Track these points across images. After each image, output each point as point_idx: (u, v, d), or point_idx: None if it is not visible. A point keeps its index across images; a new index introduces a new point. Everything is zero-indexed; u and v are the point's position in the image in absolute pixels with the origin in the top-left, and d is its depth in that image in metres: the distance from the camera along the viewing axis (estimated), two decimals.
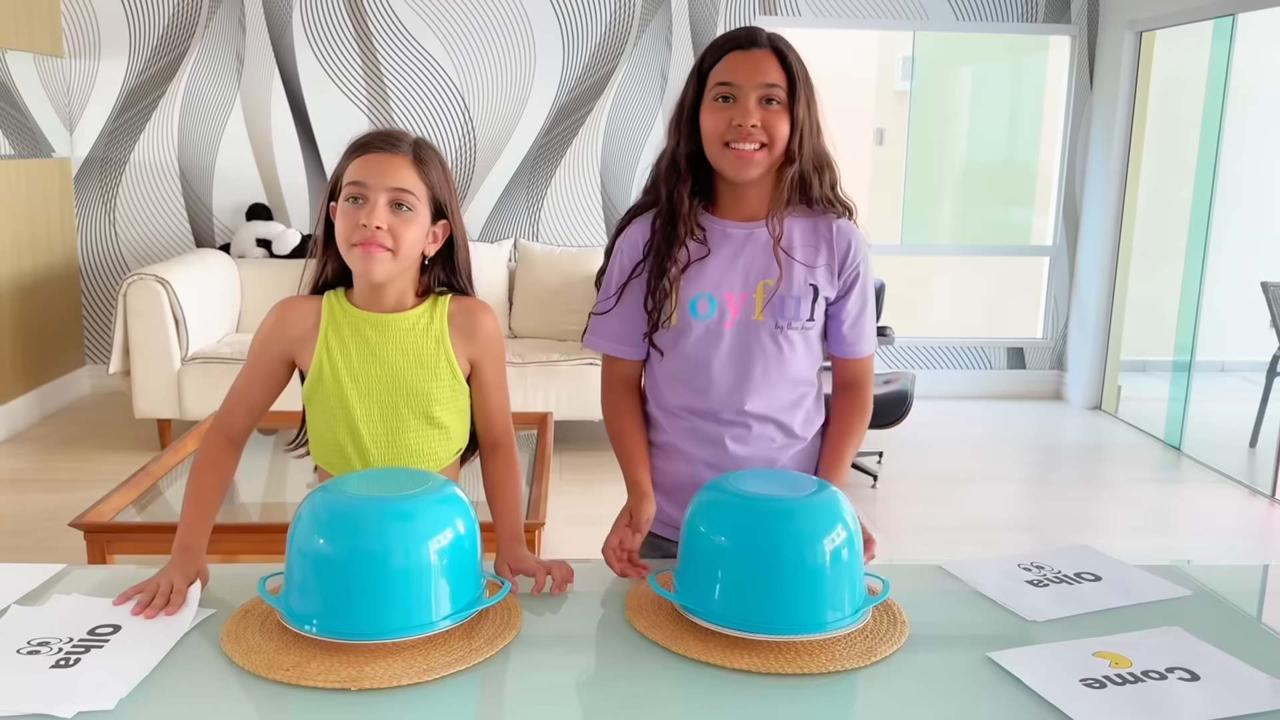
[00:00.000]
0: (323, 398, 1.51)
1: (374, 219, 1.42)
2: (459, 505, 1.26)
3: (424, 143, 1.50)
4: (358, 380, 1.51)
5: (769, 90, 1.50)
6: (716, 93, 1.52)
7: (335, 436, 1.52)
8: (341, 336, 1.51)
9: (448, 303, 1.56)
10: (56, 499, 3.82)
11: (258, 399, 1.54)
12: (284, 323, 1.52)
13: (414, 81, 5.14)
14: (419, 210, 1.46)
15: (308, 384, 1.52)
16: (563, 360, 4.36)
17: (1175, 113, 5.35)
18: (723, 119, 1.51)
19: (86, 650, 1.20)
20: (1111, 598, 1.40)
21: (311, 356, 1.51)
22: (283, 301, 1.55)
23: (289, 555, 1.23)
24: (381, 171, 1.44)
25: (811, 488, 1.29)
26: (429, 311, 1.54)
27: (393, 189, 1.44)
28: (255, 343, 1.54)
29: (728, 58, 1.52)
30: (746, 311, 1.57)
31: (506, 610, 1.30)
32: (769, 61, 1.51)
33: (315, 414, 1.54)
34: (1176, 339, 4.96)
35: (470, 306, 1.57)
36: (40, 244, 4.84)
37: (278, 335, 1.52)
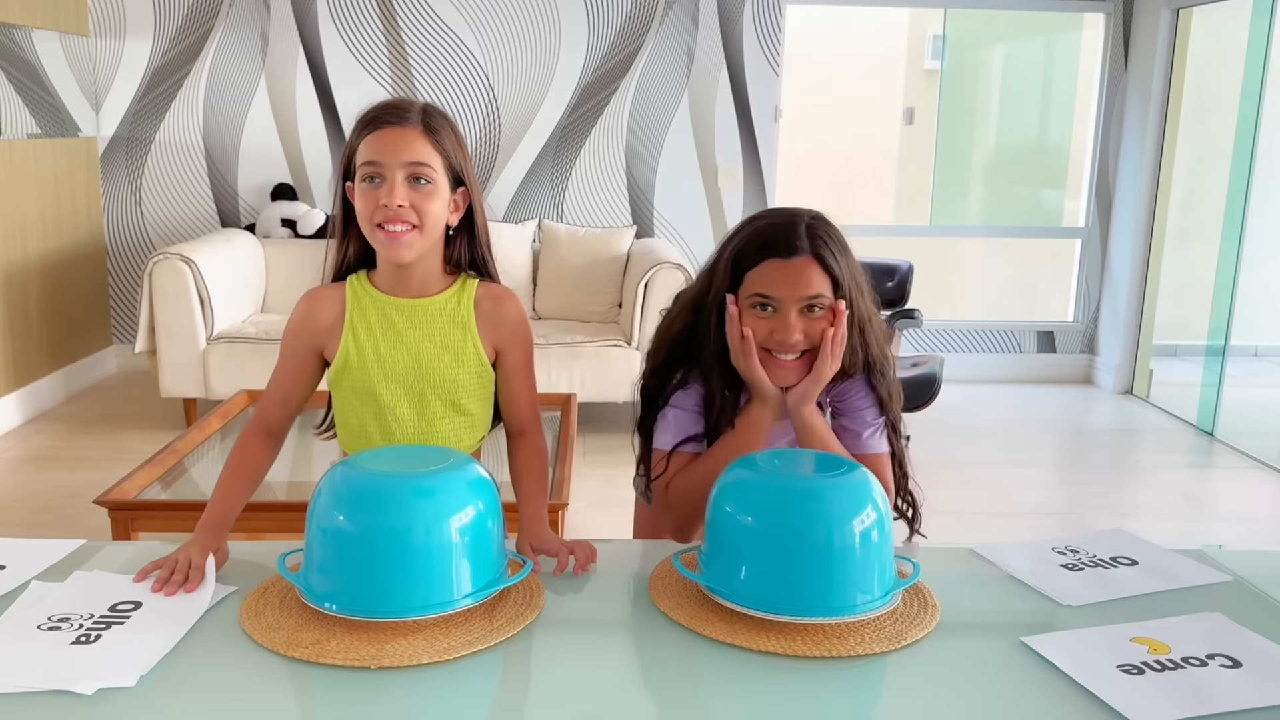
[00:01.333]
0: (349, 383, 1.50)
1: (394, 197, 1.39)
2: (482, 482, 1.24)
3: (433, 109, 1.47)
4: (384, 366, 1.49)
5: (812, 300, 1.47)
6: (754, 300, 1.48)
7: (361, 423, 1.51)
8: (368, 322, 1.49)
9: (475, 288, 1.53)
10: (82, 477, 3.83)
11: (292, 390, 1.53)
12: (311, 314, 1.51)
13: (439, 60, 5.11)
14: (438, 181, 1.43)
15: (334, 370, 1.50)
16: (587, 341, 4.34)
17: (1211, 91, 5.24)
18: (762, 328, 1.48)
19: (108, 627, 1.19)
20: (1148, 582, 1.36)
21: (338, 344, 1.49)
22: (309, 293, 1.54)
23: (308, 531, 1.21)
24: (394, 147, 1.41)
25: (841, 467, 1.26)
26: (456, 296, 1.52)
27: (408, 164, 1.41)
28: (285, 336, 1.53)
29: (765, 266, 1.47)
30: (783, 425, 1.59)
31: (528, 590, 1.28)
32: (810, 271, 1.46)
33: (341, 400, 1.53)
34: (1211, 322, 4.87)
35: (497, 293, 1.54)
36: (66, 223, 4.86)
37: (306, 327, 1.51)
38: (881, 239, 5.32)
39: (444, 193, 1.44)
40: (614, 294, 4.77)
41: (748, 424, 1.54)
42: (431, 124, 1.44)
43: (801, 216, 1.50)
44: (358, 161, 1.43)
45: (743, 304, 1.49)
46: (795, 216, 1.50)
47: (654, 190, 5.26)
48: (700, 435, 1.58)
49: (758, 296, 1.47)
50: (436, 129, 1.44)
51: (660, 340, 1.62)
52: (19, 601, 1.25)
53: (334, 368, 1.50)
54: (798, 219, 1.49)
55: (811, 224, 1.49)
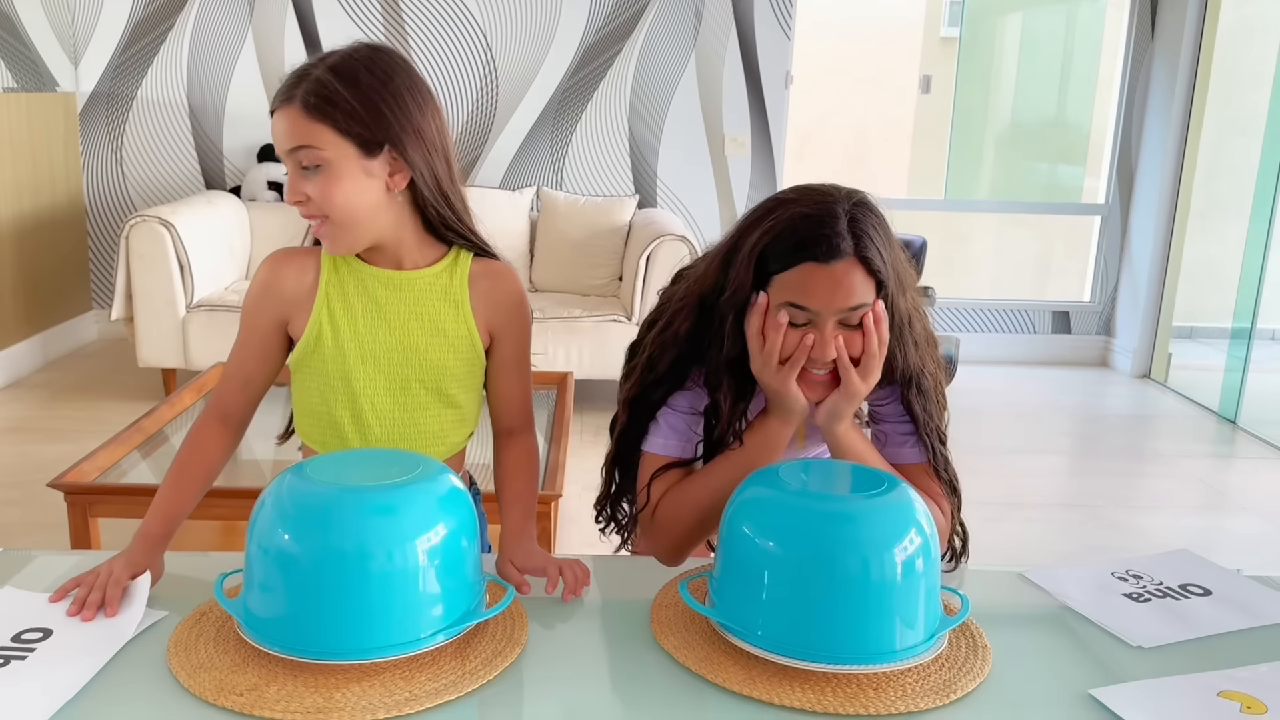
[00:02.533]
0: (318, 365, 1.29)
1: (291, 193, 1.21)
2: (456, 496, 1.05)
3: (323, 76, 1.21)
4: (363, 347, 1.29)
5: (851, 313, 1.22)
6: (784, 307, 1.22)
7: (331, 412, 1.31)
8: (345, 295, 1.29)
9: (469, 262, 1.33)
10: (56, 449, 3.65)
11: (255, 372, 1.32)
12: (276, 281, 1.30)
13: (434, 18, 4.88)
14: (331, 159, 1.20)
15: (300, 349, 1.29)
16: (585, 316, 4.14)
17: (1241, 64, 5.01)
18: (792, 339, 1.23)
19: (5, 663, 1.00)
20: (1227, 618, 1.18)
21: (307, 318, 1.28)
22: (274, 254, 1.32)
23: (248, 551, 1.02)
24: (281, 133, 1.22)
25: (880, 484, 1.07)
26: (448, 270, 1.31)
27: (290, 151, 1.21)
28: (245, 307, 1.32)
29: (800, 271, 1.20)
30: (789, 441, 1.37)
31: (509, 621, 1.09)
32: (853, 276, 1.20)
33: (307, 384, 1.32)
34: (1236, 305, 4.67)
35: (496, 270, 1.34)
36: (44, 183, 4.64)
37: (270, 297, 1.30)
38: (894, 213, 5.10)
39: (347, 168, 1.21)
40: (614, 266, 4.57)
41: (763, 440, 1.29)
42: (312, 95, 1.19)
43: (840, 202, 1.22)
44: None
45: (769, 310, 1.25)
46: (833, 203, 1.22)
47: (658, 158, 5.05)
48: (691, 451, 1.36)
49: (791, 306, 1.21)
50: (319, 99, 1.19)
51: (661, 345, 1.34)
52: None
53: (300, 346, 1.29)
54: (836, 207, 1.21)
55: (854, 214, 1.21)
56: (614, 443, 1.39)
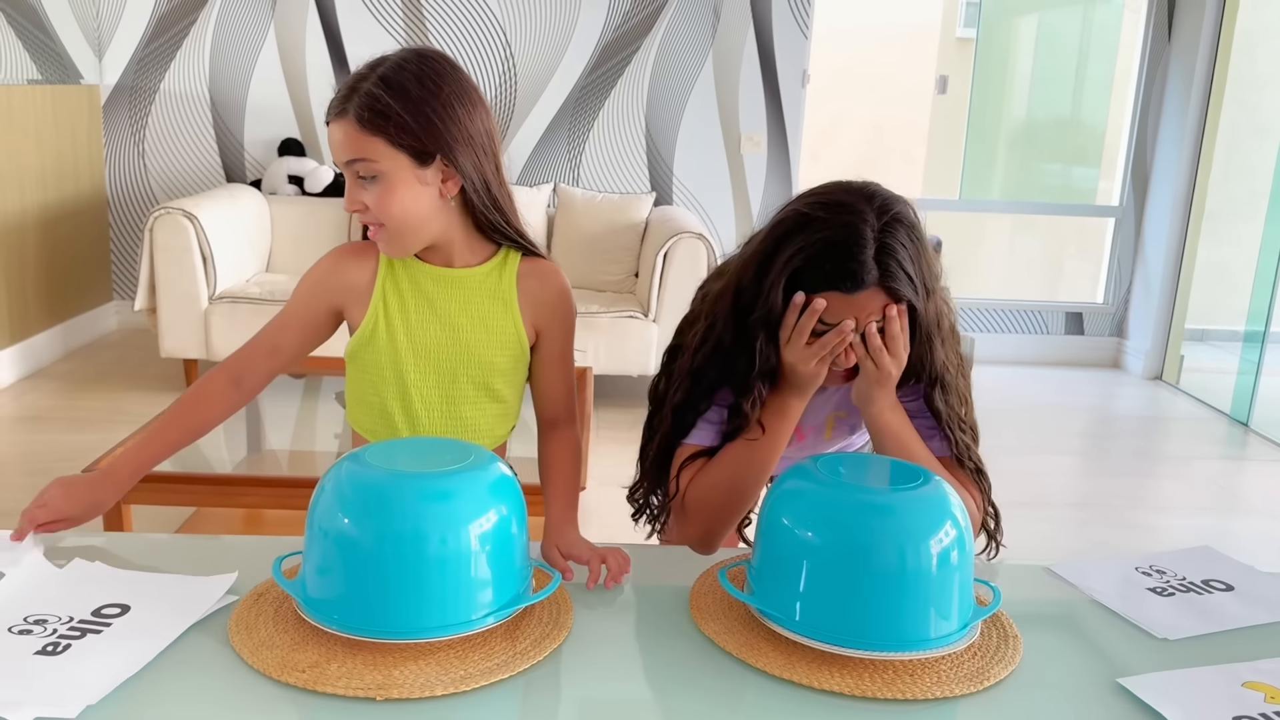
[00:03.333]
0: (373, 357, 1.35)
1: (349, 205, 1.27)
2: (505, 482, 1.09)
3: (377, 88, 1.23)
4: (415, 341, 1.34)
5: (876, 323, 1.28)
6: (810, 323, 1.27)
7: (383, 402, 1.36)
8: (400, 290, 1.34)
9: (518, 261, 1.38)
10: (78, 439, 3.70)
11: (288, 345, 1.36)
12: (341, 269, 1.35)
13: (455, 14, 4.91)
14: (386, 171, 1.24)
15: (356, 340, 1.35)
16: (602, 312, 4.17)
17: (1258, 67, 5.03)
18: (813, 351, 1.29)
19: (82, 635, 1.04)
20: (1250, 612, 1.21)
21: (364, 311, 1.34)
22: (341, 246, 1.39)
23: (308, 534, 1.06)
24: (336, 147, 1.27)
25: (916, 478, 1.10)
26: (498, 269, 1.37)
27: (347, 164, 1.26)
28: (302, 287, 1.37)
29: (826, 296, 1.25)
30: (816, 436, 1.47)
31: (555, 606, 1.13)
32: (877, 301, 1.26)
33: (360, 375, 1.38)
34: (1250, 307, 4.69)
35: (542, 269, 1.39)
36: (67, 174, 4.69)
37: (332, 281, 1.35)
38: None
39: (402, 177, 1.25)
40: (631, 263, 4.61)
41: (778, 414, 1.34)
42: (364, 109, 1.23)
43: (868, 222, 1.24)
44: None
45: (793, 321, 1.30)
46: (861, 225, 1.24)
47: (674, 156, 5.08)
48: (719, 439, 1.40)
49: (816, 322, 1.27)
50: (372, 112, 1.22)
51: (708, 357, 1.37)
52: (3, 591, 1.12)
53: (357, 338, 1.35)
54: (864, 230, 1.24)
55: (882, 239, 1.24)
56: (655, 443, 1.43)
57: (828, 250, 1.25)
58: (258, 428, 3.23)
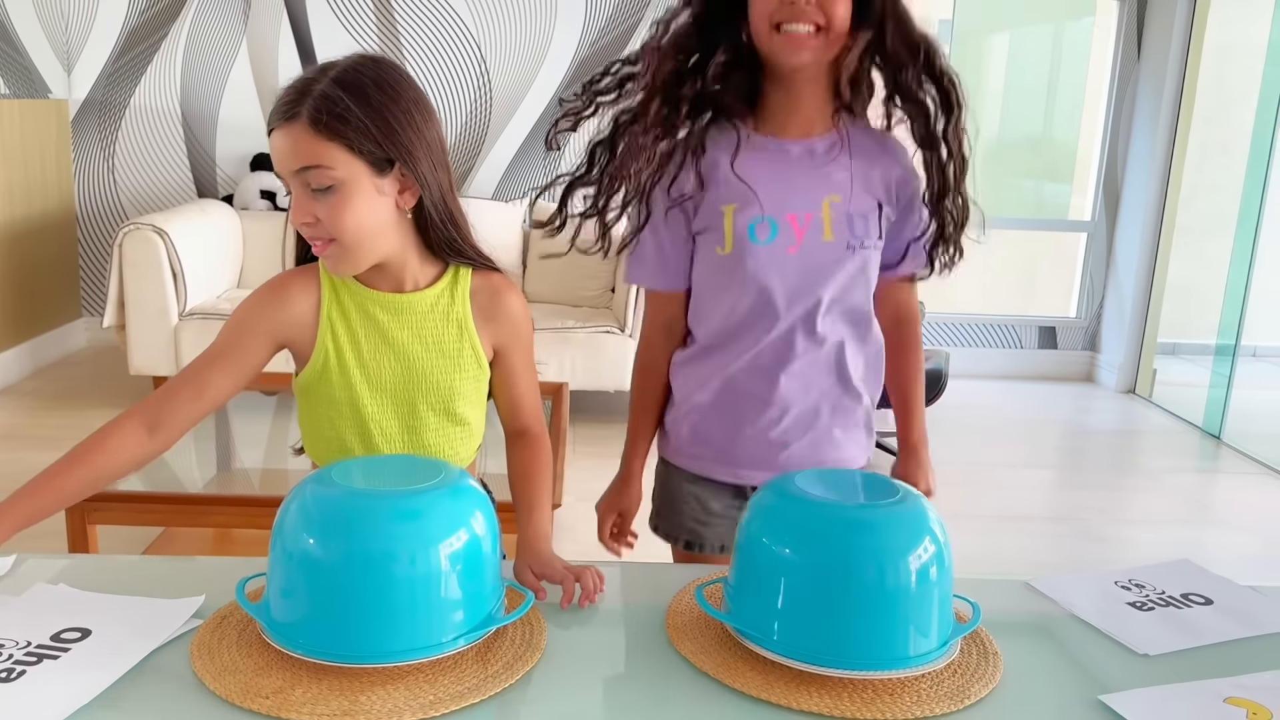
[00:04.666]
0: (325, 391, 1.28)
1: (296, 214, 1.18)
2: (477, 500, 1.06)
3: (332, 90, 1.15)
4: (369, 373, 1.27)
5: None
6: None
7: (339, 435, 1.30)
8: (348, 319, 1.27)
9: (469, 278, 1.32)
10: (45, 457, 3.59)
11: (217, 384, 1.23)
12: (281, 300, 1.26)
13: (429, 30, 4.90)
14: (342, 180, 1.16)
15: (307, 374, 1.28)
16: (578, 327, 4.16)
17: (1225, 84, 5.09)
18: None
19: (38, 661, 1.01)
20: (1229, 626, 1.20)
21: (311, 343, 1.26)
22: (277, 277, 1.30)
23: (272, 555, 1.03)
24: (284, 153, 1.16)
25: (894, 493, 1.09)
26: (449, 290, 1.30)
27: (298, 172, 1.16)
28: (236, 320, 1.26)
29: None
30: (815, 232, 1.40)
31: (528, 626, 1.10)
32: None
33: (314, 408, 1.31)
34: (1221, 321, 4.73)
35: (495, 284, 1.33)
36: (35, 189, 4.63)
37: (273, 314, 1.26)
38: None
39: (359, 187, 1.18)
40: (607, 278, 4.59)
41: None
42: (321, 112, 1.14)
43: None
44: None
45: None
46: None
47: None
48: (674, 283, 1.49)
49: None
50: (329, 115, 1.14)
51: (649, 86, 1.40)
52: None
53: (307, 373, 1.28)
54: None
55: None
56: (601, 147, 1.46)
57: None
58: (228, 446, 3.19)
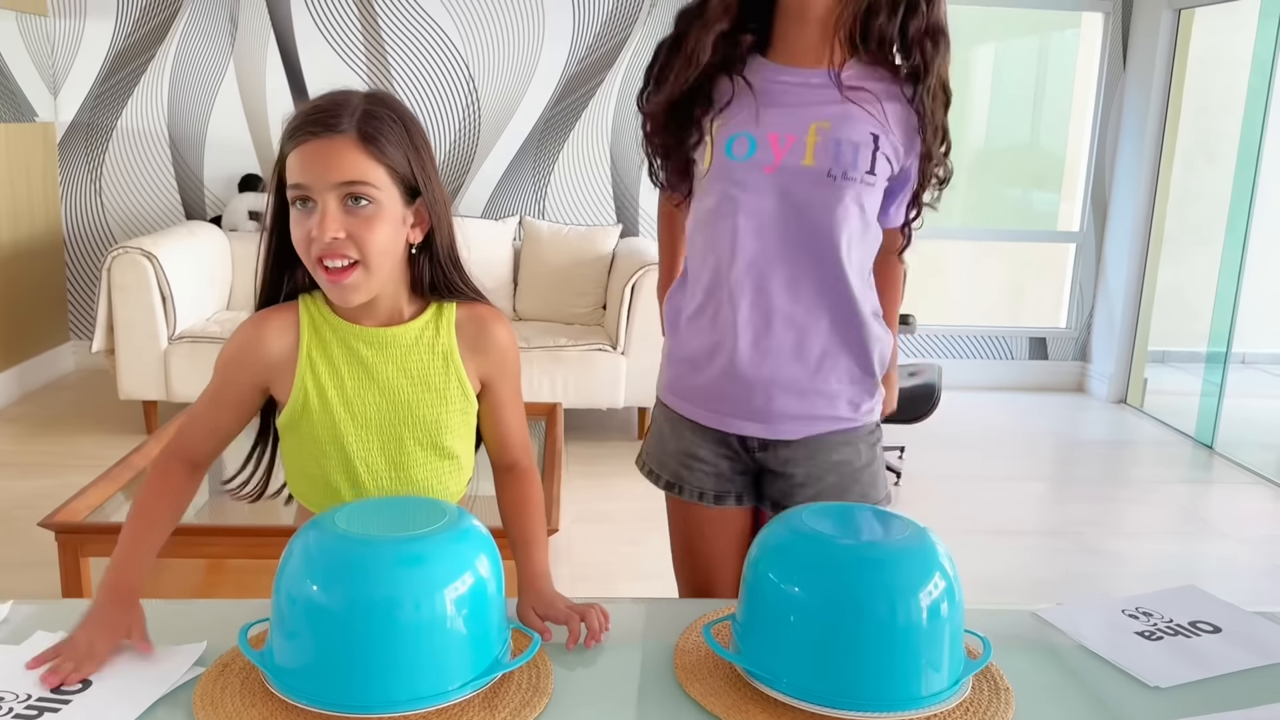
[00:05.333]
0: (308, 429, 1.25)
1: (326, 228, 1.13)
2: (481, 542, 1.05)
3: (375, 106, 1.18)
4: (352, 408, 1.24)
5: None
6: None
7: (325, 474, 1.27)
8: (329, 355, 1.24)
9: (454, 311, 1.28)
10: (34, 484, 3.60)
11: (227, 423, 1.27)
12: (257, 342, 1.24)
13: (416, 48, 4.89)
14: (382, 201, 1.16)
15: (287, 413, 1.25)
16: (570, 345, 4.14)
17: (1213, 95, 5.12)
18: None
19: (39, 715, 0.99)
20: (1240, 656, 1.20)
21: (290, 382, 1.24)
22: (254, 317, 1.27)
23: (275, 602, 1.02)
24: (323, 165, 1.14)
25: (903, 529, 1.08)
26: (434, 322, 1.27)
27: (340, 185, 1.14)
28: (221, 364, 1.26)
29: None
30: (794, 155, 1.35)
31: (534, 670, 1.09)
32: None
33: (298, 447, 1.28)
34: (1211, 329, 4.75)
35: (480, 315, 1.30)
36: (22, 213, 4.60)
37: (250, 358, 1.24)
38: None
39: (392, 213, 1.18)
40: (598, 295, 4.58)
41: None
42: (370, 129, 1.15)
43: None
44: (287, 179, 1.17)
45: None
46: None
47: (639, 187, 5.07)
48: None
49: None
50: (376, 135, 1.15)
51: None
52: None
53: (288, 410, 1.25)
54: None
55: None
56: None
57: None
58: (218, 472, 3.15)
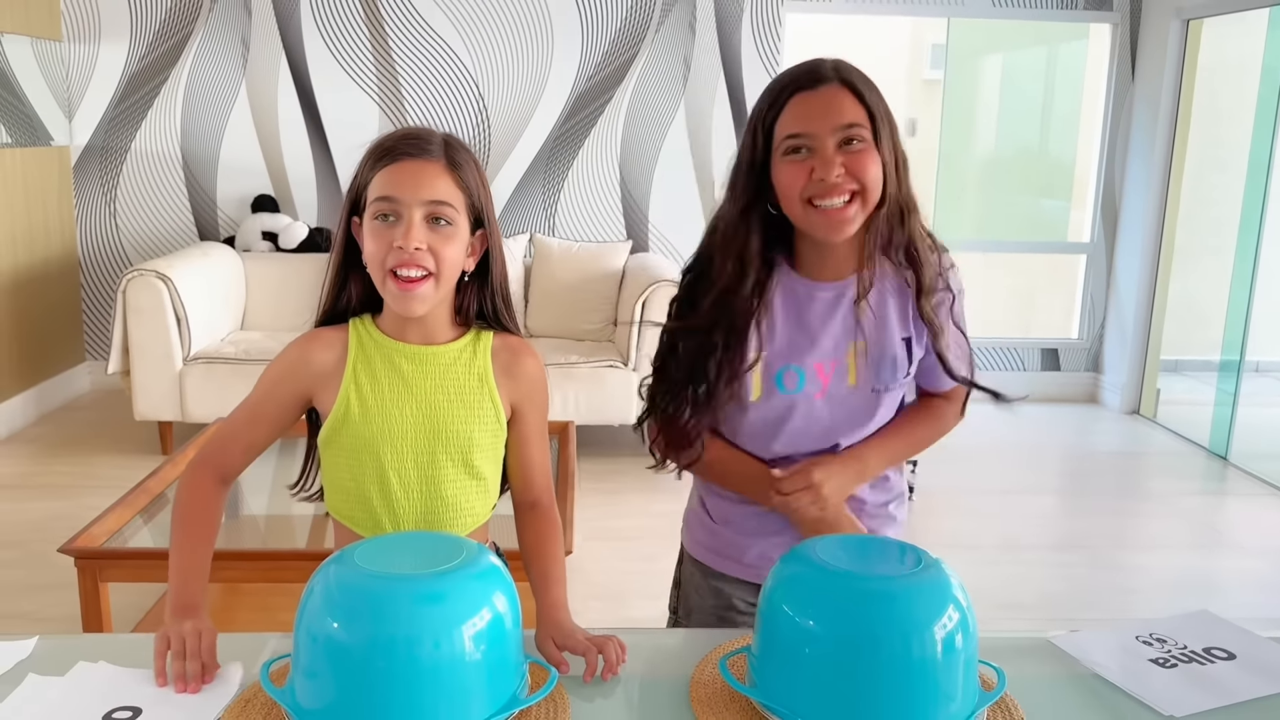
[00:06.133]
0: (348, 442, 1.31)
1: (411, 238, 1.23)
2: (498, 578, 1.06)
3: (455, 141, 1.31)
4: (389, 419, 1.31)
5: (848, 131, 1.31)
6: (787, 145, 1.33)
7: (360, 486, 1.32)
8: (372, 370, 1.31)
9: (490, 339, 1.36)
10: (52, 505, 3.63)
11: (259, 439, 1.34)
12: (307, 357, 1.32)
13: (427, 68, 4.93)
14: (459, 223, 1.28)
15: (329, 426, 1.31)
16: (581, 362, 4.16)
17: (1222, 105, 5.12)
18: (801, 172, 1.32)
19: None
20: (1255, 683, 1.20)
21: (334, 395, 1.31)
22: (306, 334, 1.35)
23: (296, 639, 1.03)
24: (414, 183, 1.25)
25: (916, 562, 1.09)
26: (471, 346, 1.35)
27: (429, 202, 1.25)
28: (268, 378, 1.34)
29: (792, 104, 1.33)
30: (839, 379, 1.43)
31: (552, 704, 1.10)
32: (841, 97, 1.32)
33: (336, 460, 1.33)
34: (1224, 338, 4.74)
35: (515, 345, 1.38)
36: (38, 235, 4.65)
37: (299, 371, 1.32)
38: None
39: (464, 236, 1.29)
40: (609, 311, 4.60)
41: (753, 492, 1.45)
42: (455, 158, 1.28)
43: (823, 59, 1.37)
44: (370, 196, 1.26)
45: (777, 159, 1.34)
46: (816, 59, 1.37)
47: (649, 203, 5.10)
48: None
49: (790, 139, 1.32)
50: (460, 163, 1.28)
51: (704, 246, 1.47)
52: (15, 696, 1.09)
53: (330, 423, 1.31)
54: (819, 59, 1.37)
55: (835, 61, 1.36)
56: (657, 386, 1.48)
57: (785, 74, 1.36)
58: (235, 494, 3.18)
